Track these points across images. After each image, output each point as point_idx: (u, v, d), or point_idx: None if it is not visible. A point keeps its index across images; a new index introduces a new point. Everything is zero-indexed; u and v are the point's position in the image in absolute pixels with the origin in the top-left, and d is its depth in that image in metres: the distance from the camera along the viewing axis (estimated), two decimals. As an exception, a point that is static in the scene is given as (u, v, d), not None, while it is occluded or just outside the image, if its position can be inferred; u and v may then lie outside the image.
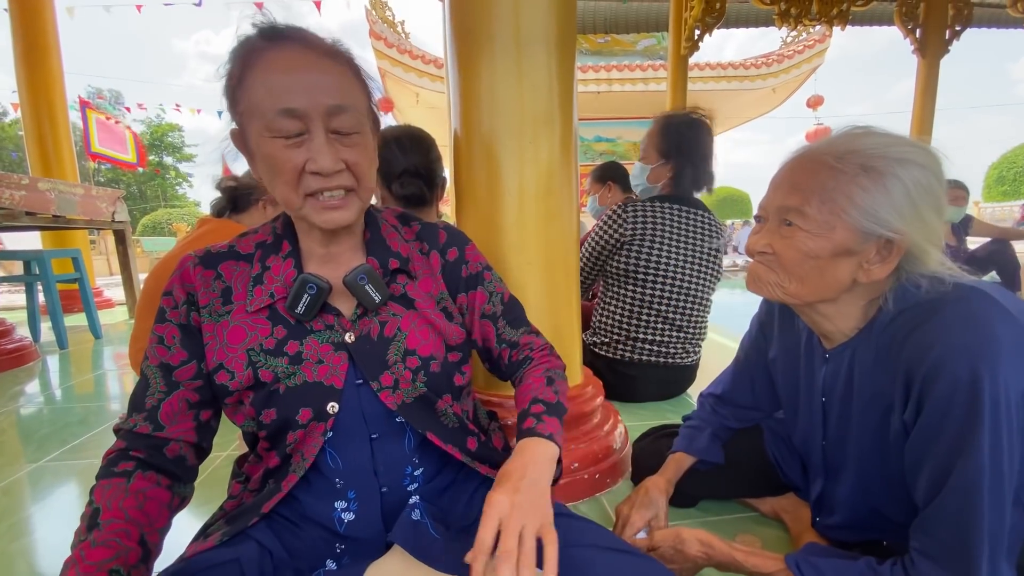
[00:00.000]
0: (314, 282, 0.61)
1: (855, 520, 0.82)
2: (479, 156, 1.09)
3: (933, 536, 0.61)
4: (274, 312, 0.63)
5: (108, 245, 11.53)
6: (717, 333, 2.82)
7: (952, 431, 0.58)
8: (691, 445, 1.03)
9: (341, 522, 0.64)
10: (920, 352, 0.61)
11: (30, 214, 2.59)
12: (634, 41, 10.68)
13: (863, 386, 0.72)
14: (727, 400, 1.05)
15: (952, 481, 0.59)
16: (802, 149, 0.72)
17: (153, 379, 0.62)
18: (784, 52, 9.71)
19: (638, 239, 1.62)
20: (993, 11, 5.67)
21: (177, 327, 0.63)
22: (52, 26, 4.02)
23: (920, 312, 0.65)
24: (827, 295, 0.71)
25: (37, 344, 2.85)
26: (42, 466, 1.36)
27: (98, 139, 6.33)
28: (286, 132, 0.55)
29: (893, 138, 0.66)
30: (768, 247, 0.72)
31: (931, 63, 4.75)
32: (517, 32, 1.03)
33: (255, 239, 0.67)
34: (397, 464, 0.67)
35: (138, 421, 0.61)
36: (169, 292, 0.64)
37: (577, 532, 0.61)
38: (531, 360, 0.76)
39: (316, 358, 0.62)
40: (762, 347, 0.97)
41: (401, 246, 0.70)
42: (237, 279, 0.64)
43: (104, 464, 0.60)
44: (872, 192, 0.63)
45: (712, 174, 1.69)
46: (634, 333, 1.68)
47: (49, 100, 4.01)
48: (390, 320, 0.66)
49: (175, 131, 29.05)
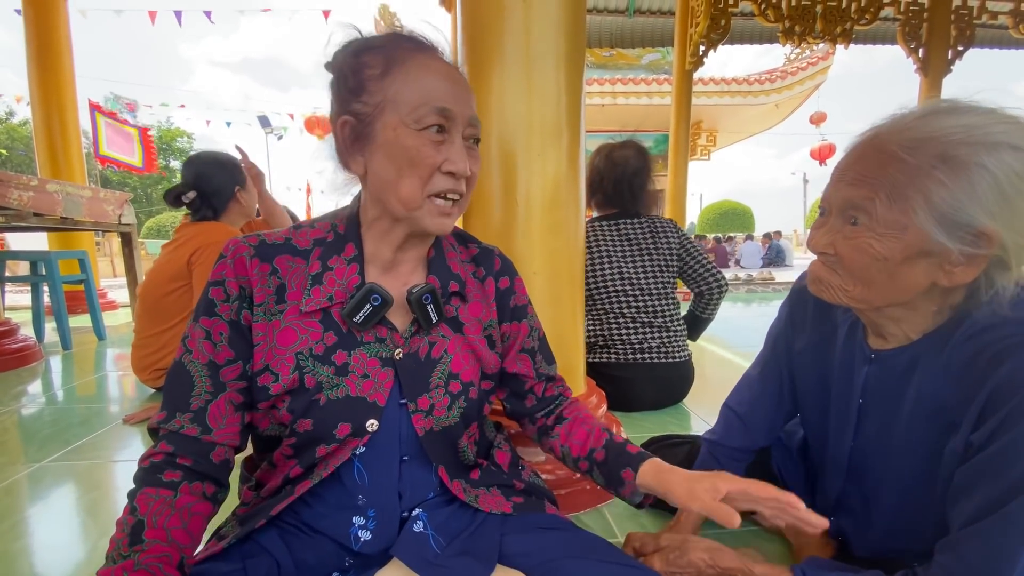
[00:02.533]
0: (379, 293, 0.59)
1: (874, 521, 0.77)
2: (487, 167, 1.11)
3: (963, 558, 0.59)
4: (327, 316, 0.61)
5: (113, 247, 11.59)
6: (717, 345, 2.83)
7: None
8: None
9: (357, 539, 0.62)
10: (1017, 380, 0.56)
11: (38, 215, 2.61)
12: (639, 55, 10.80)
13: (923, 397, 0.66)
14: (747, 421, 0.96)
15: (1008, 509, 0.56)
16: (870, 132, 0.63)
17: (199, 378, 0.58)
18: (788, 68, 9.80)
19: (590, 259, 1.79)
20: (996, 32, 5.73)
21: (227, 323, 0.59)
22: (65, 29, 4.08)
23: (1015, 334, 0.58)
24: (899, 299, 0.64)
25: (41, 344, 2.86)
26: (44, 467, 1.36)
27: (106, 142, 6.39)
28: (434, 127, 0.57)
29: (982, 115, 0.56)
30: (830, 247, 0.64)
31: (933, 82, 4.79)
32: (527, 47, 1.04)
33: (312, 234, 0.64)
34: (421, 489, 0.66)
35: (184, 423, 0.57)
36: (220, 282, 0.59)
37: (578, 546, 0.61)
38: (565, 398, 0.82)
39: (362, 371, 0.60)
40: (789, 337, 0.89)
41: (460, 268, 0.70)
42: (292, 276, 0.61)
43: (147, 467, 0.56)
44: (952, 187, 0.55)
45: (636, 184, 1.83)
46: (610, 336, 1.77)
47: (60, 102, 4.05)
48: (439, 341, 0.65)
49: (184, 136, 29.36)
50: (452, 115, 0.58)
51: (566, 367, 1.19)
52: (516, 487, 0.73)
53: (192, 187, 1.82)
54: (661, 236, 1.81)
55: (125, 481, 1.29)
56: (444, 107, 0.57)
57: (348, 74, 0.59)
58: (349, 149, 0.61)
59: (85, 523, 1.09)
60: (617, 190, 1.82)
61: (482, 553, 0.60)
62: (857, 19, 4.60)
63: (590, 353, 1.79)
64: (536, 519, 0.67)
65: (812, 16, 4.53)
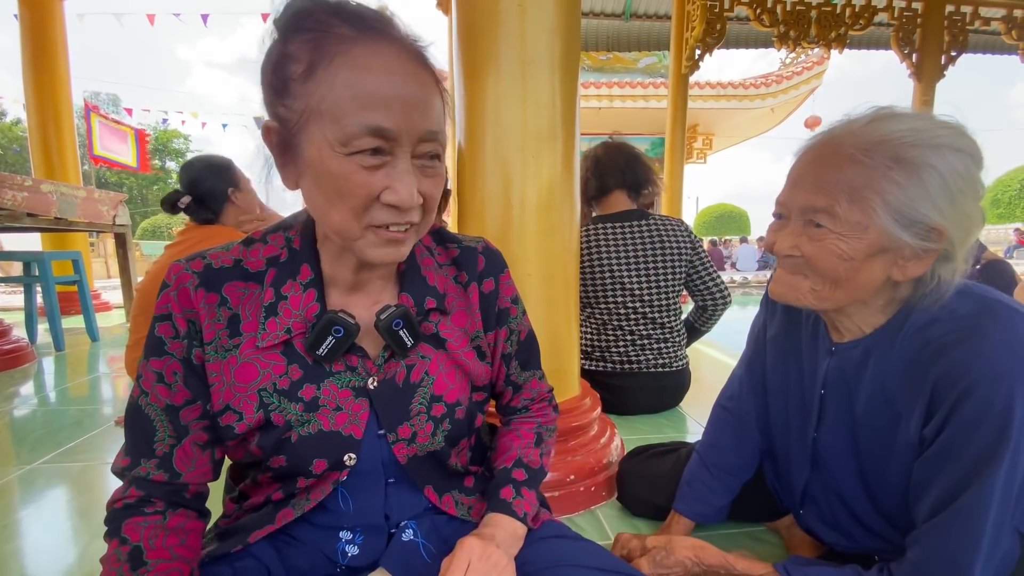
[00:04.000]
0: (341, 324, 0.52)
1: (842, 511, 0.79)
2: (482, 169, 1.11)
3: (930, 551, 0.61)
4: (289, 348, 0.54)
5: (107, 248, 11.54)
6: (713, 349, 2.84)
7: (975, 453, 0.57)
8: (699, 513, 0.96)
9: (344, 554, 0.60)
10: (956, 373, 0.58)
11: (32, 215, 2.60)
12: (636, 59, 10.84)
13: (875, 389, 0.69)
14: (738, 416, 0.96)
15: (962, 501, 0.58)
16: (821, 137, 0.65)
17: (159, 423, 0.54)
18: (783, 73, 9.86)
19: (589, 263, 1.72)
20: (988, 37, 5.79)
21: (179, 362, 0.53)
22: (61, 31, 4.08)
23: (956, 328, 0.61)
24: (862, 296, 0.66)
25: (34, 345, 2.85)
26: (36, 468, 1.35)
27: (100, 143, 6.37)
28: (367, 151, 0.45)
29: (923, 120, 0.60)
30: (796, 249, 0.66)
31: (927, 87, 4.84)
32: (523, 51, 1.05)
33: (265, 252, 0.56)
34: (409, 508, 0.63)
35: (150, 469, 0.53)
36: (166, 317, 0.53)
37: (570, 553, 0.60)
38: (527, 411, 0.73)
39: (334, 404, 0.55)
40: (765, 325, 0.92)
41: (437, 279, 0.61)
42: (246, 305, 0.54)
43: (121, 508, 0.53)
44: (906, 187, 0.58)
45: (638, 178, 1.77)
46: (607, 347, 1.73)
47: (55, 104, 4.05)
48: (418, 363, 0.59)
49: (180, 138, 29.30)
50: (394, 135, 0.45)
51: (560, 369, 1.20)
52: None
53: (187, 192, 1.83)
54: (670, 240, 1.71)
55: (118, 483, 1.28)
56: (380, 127, 0.44)
57: (270, 67, 0.48)
58: (279, 160, 0.51)
59: (77, 525, 1.09)
60: (612, 167, 1.76)
61: None
62: (851, 24, 4.64)
63: (586, 360, 1.77)
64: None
65: (807, 21, 4.57)
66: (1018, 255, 15.17)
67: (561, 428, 1.17)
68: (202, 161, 1.88)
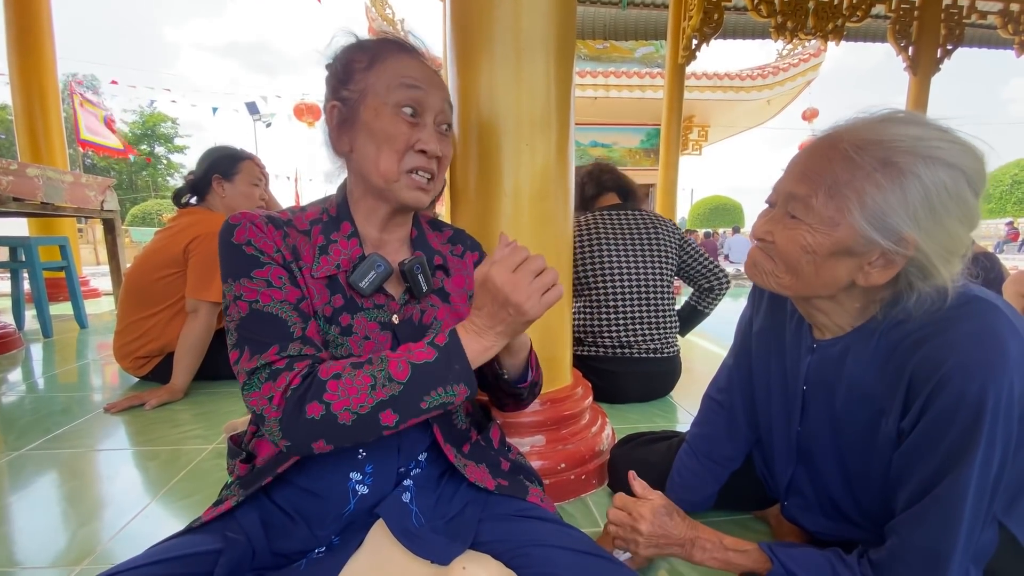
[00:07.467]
0: (382, 262, 0.67)
1: (826, 504, 0.81)
2: (475, 157, 1.10)
3: (908, 540, 0.62)
4: (333, 282, 0.68)
5: (96, 234, 11.37)
6: (704, 339, 2.86)
7: (949, 444, 0.58)
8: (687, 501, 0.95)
9: (355, 493, 0.66)
10: (930, 365, 0.59)
11: (17, 200, 2.55)
12: (632, 48, 10.77)
13: (853, 385, 0.71)
14: (727, 406, 0.96)
15: (939, 491, 0.59)
16: (828, 129, 0.66)
17: (284, 314, 0.61)
18: (780, 64, 9.83)
19: (583, 248, 1.77)
20: (984, 31, 5.80)
21: (281, 267, 0.64)
22: (46, 12, 3.97)
23: (930, 324, 0.62)
24: (822, 292, 0.68)
25: (21, 332, 2.81)
26: (23, 455, 1.34)
27: (85, 127, 6.26)
28: (409, 107, 0.67)
29: (929, 130, 0.59)
30: (769, 234, 0.68)
31: (922, 81, 4.84)
32: (517, 36, 1.04)
33: (307, 216, 0.71)
34: (415, 447, 0.71)
35: (300, 346, 0.61)
36: (248, 242, 0.63)
37: (549, 535, 0.63)
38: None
39: (364, 334, 0.68)
40: (751, 318, 0.93)
41: (440, 246, 0.80)
42: (301, 244, 0.67)
43: (301, 380, 0.58)
44: (886, 192, 0.58)
45: (629, 187, 1.94)
46: (599, 331, 1.76)
47: (41, 86, 3.95)
48: (428, 310, 0.74)
49: (168, 121, 28.78)
50: (423, 100, 0.68)
51: (552, 358, 1.20)
52: (503, 467, 0.77)
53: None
54: (662, 231, 1.82)
55: (107, 469, 1.28)
56: (416, 97, 0.67)
57: (339, 67, 0.70)
58: (337, 131, 0.70)
59: (66, 511, 1.08)
60: (606, 176, 1.91)
61: (458, 535, 0.63)
62: (848, 16, 4.62)
63: (578, 346, 1.80)
64: (516, 506, 0.70)
65: (804, 12, 4.55)
66: (1008, 249, 15.33)
67: (552, 417, 1.18)
68: (209, 150, 1.98)
